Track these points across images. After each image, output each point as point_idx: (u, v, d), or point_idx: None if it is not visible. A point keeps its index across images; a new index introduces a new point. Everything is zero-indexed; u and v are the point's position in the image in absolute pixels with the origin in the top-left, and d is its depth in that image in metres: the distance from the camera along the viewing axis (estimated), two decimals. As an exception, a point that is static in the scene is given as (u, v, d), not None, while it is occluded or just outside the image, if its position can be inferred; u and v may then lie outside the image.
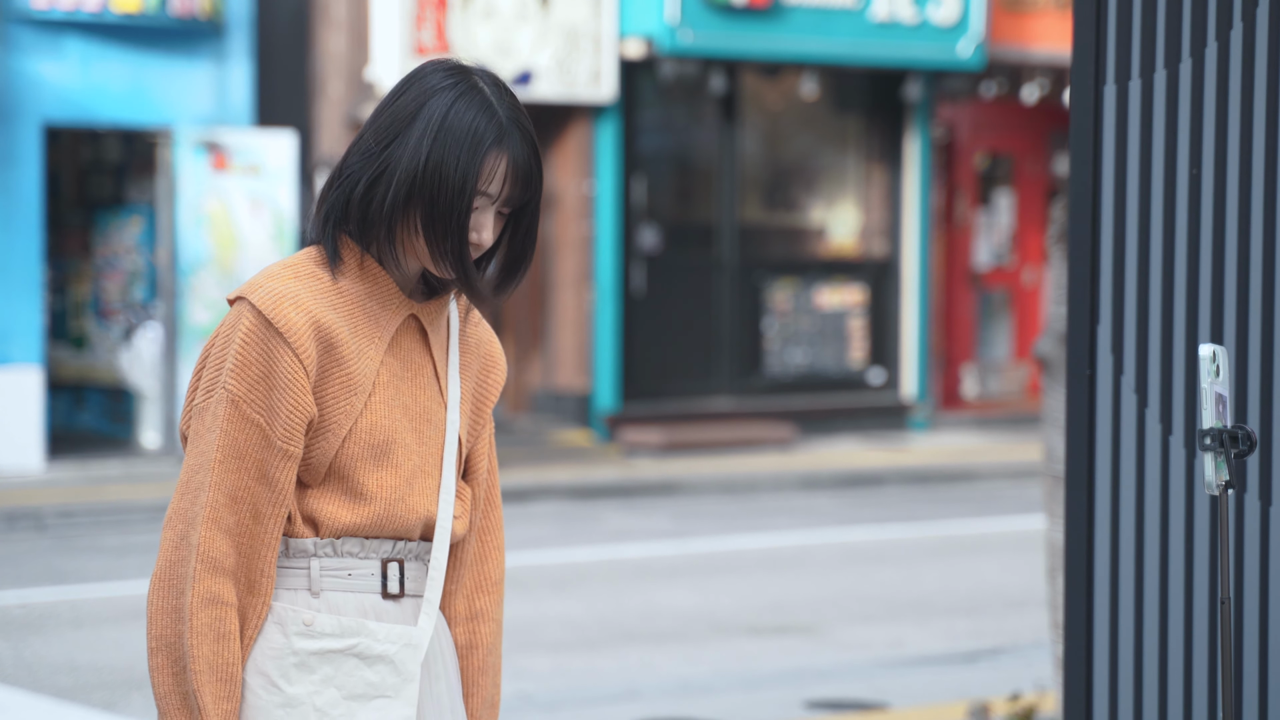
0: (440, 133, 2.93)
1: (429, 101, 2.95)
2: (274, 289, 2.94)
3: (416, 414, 3.01)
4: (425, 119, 2.94)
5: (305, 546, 2.97)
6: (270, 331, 2.92)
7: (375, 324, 2.98)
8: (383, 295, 2.99)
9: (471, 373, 3.12)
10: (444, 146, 2.92)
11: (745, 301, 18.19)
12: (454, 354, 3.09)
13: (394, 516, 2.97)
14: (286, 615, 2.95)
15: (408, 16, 15.98)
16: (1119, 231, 3.81)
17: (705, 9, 16.99)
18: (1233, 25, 3.66)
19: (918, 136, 18.92)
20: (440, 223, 2.93)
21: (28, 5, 14.86)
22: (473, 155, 2.92)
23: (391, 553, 3.00)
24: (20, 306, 15.11)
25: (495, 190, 2.95)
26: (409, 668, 2.97)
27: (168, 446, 15.54)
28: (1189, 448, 3.72)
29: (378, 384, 2.98)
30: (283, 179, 15.66)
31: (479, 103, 2.95)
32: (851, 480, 15.98)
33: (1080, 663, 3.83)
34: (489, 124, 2.94)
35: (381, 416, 2.97)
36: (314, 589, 2.96)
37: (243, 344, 2.95)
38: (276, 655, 2.94)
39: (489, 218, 2.96)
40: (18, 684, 8.19)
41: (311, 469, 2.94)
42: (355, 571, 2.98)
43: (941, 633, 9.72)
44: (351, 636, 2.95)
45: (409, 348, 3.02)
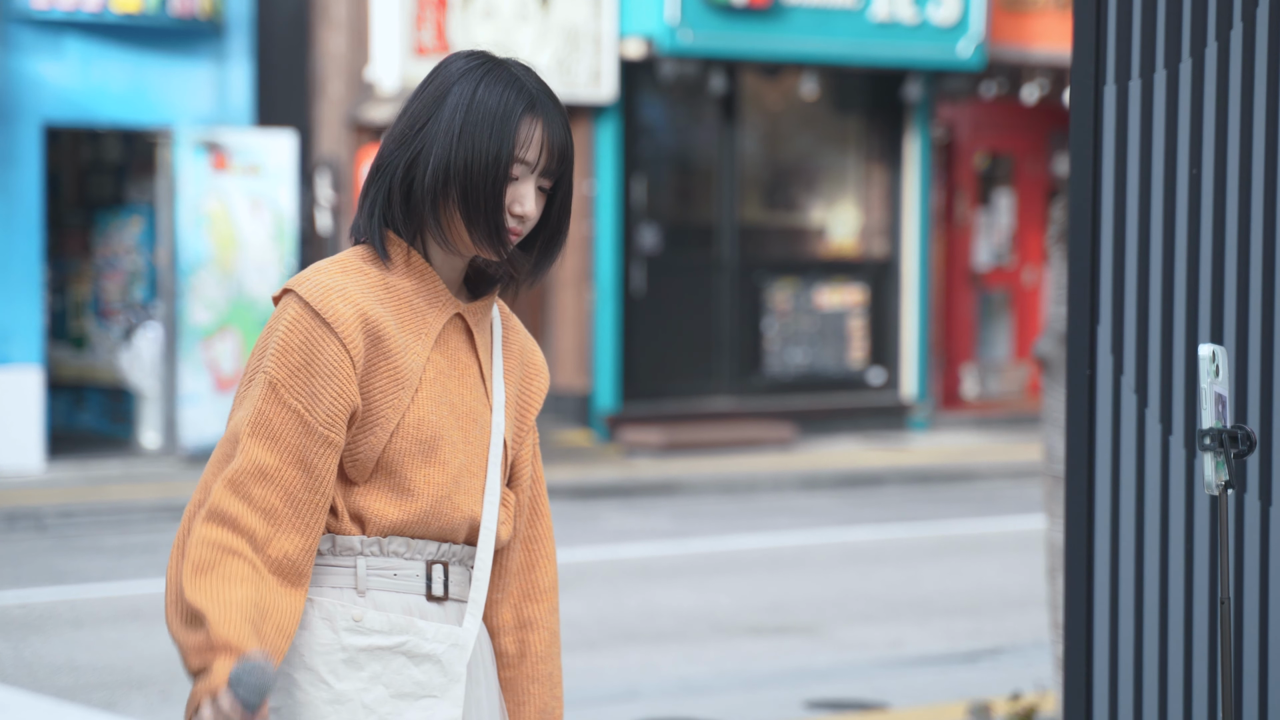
0: (471, 108, 2.93)
1: (457, 83, 2.96)
2: (321, 281, 2.92)
3: (463, 413, 3.00)
4: (455, 98, 2.94)
5: (352, 544, 2.94)
6: (316, 321, 2.90)
7: (422, 320, 2.97)
8: (430, 292, 2.98)
9: (515, 378, 3.11)
10: (476, 120, 2.93)
11: (745, 301, 18.19)
12: (498, 357, 3.07)
13: (440, 514, 2.96)
14: (335, 611, 2.93)
15: (408, 16, 15.98)
16: (1119, 231, 3.81)
17: (705, 9, 16.99)
18: (1233, 25, 3.66)
19: (918, 136, 18.92)
20: (476, 194, 2.92)
21: (28, 5, 14.86)
22: (505, 123, 2.93)
23: (436, 554, 2.98)
24: (20, 306, 15.11)
25: (533, 158, 2.95)
26: (456, 668, 2.95)
27: (168, 446, 15.55)
28: (1189, 448, 3.72)
29: (424, 380, 2.96)
30: (283, 179, 15.66)
31: (506, 77, 2.97)
32: (851, 480, 15.98)
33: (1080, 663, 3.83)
34: (518, 95, 2.95)
35: (429, 412, 2.95)
36: (360, 587, 2.94)
37: (286, 331, 2.90)
38: (325, 651, 2.91)
39: (530, 188, 2.96)
40: (18, 684, 8.19)
41: (359, 465, 2.92)
42: (401, 572, 2.96)
43: (941, 633, 9.72)
44: (400, 634, 2.93)
45: (455, 346, 3.01)
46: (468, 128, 2.93)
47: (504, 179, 2.93)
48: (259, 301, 15.63)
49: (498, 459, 3.02)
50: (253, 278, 15.60)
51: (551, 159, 2.97)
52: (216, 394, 15.48)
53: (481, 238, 2.94)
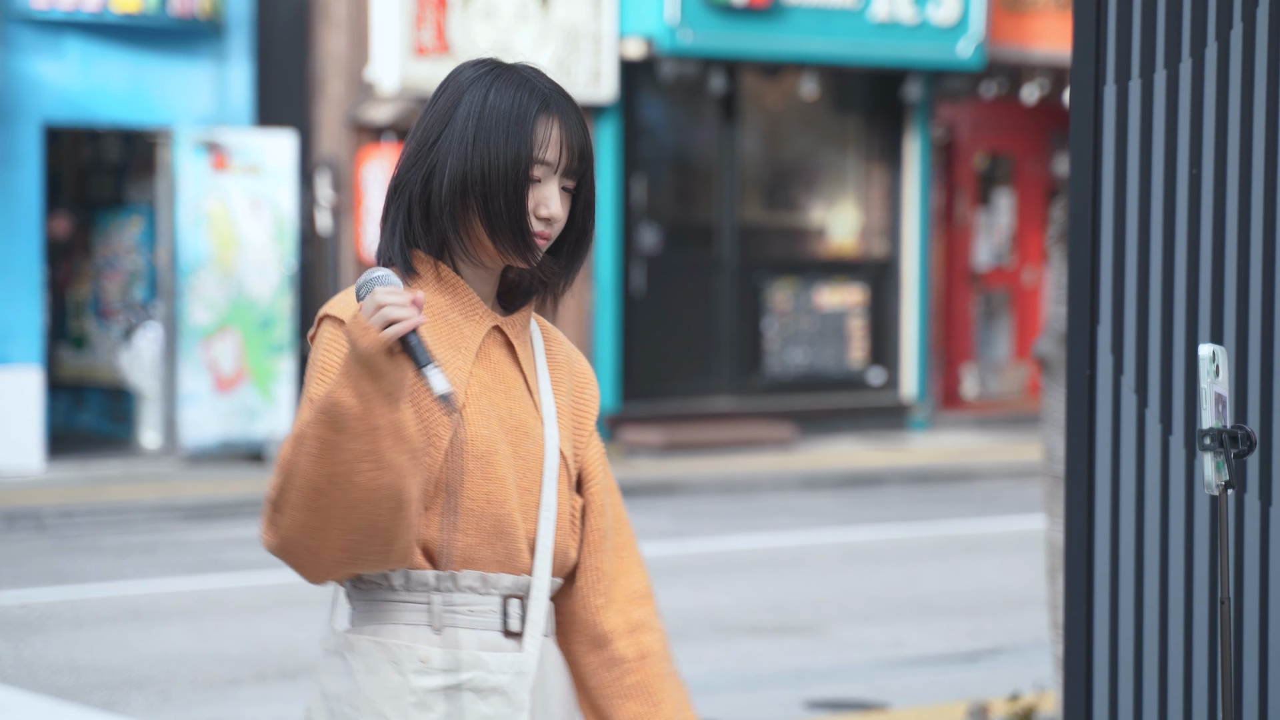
0: (483, 114, 2.89)
1: (467, 92, 2.91)
2: (352, 301, 2.86)
3: (512, 427, 2.93)
4: (466, 107, 2.90)
5: (426, 579, 2.88)
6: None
7: (460, 335, 2.92)
8: (465, 306, 2.93)
9: (564, 389, 3.04)
10: (489, 126, 2.88)
11: (745, 301, 18.19)
12: (543, 369, 3.01)
13: (502, 532, 2.89)
14: (401, 653, 2.86)
15: (408, 16, 15.98)
16: (1119, 231, 3.81)
17: (705, 9, 16.99)
18: (1233, 25, 3.66)
19: (918, 136, 18.92)
20: (497, 201, 2.87)
21: (28, 5, 14.86)
22: (520, 126, 2.88)
23: (512, 588, 2.91)
24: (20, 306, 15.11)
25: (553, 158, 2.90)
26: (520, 696, 2.88)
27: (167, 446, 15.55)
28: (1189, 448, 3.72)
29: (470, 395, 2.90)
30: (283, 179, 15.66)
31: (516, 80, 2.92)
32: (851, 480, 15.98)
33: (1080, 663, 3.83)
34: (531, 96, 2.90)
35: (480, 427, 2.88)
36: (435, 625, 2.88)
37: (323, 353, 2.85)
38: (394, 695, 2.85)
39: (553, 190, 2.91)
40: (18, 684, 8.19)
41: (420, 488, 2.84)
42: (476, 608, 2.89)
43: (941, 633, 9.72)
44: (467, 670, 2.86)
45: (497, 360, 2.95)
46: (481, 134, 2.88)
47: (524, 182, 2.88)
48: (259, 301, 15.63)
49: (553, 472, 2.95)
50: (253, 278, 15.60)
51: (573, 158, 2.92)
52: (216, 394, 15.48)
53: (508, 246, 2.90)
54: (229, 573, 11.19)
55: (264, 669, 8.64)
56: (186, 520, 13.37)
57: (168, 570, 11.31)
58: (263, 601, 10.33)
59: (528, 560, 2.92)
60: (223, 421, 15.49)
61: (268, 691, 8.23)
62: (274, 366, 15.70)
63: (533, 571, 2.92)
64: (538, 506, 2.93)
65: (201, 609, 10.12)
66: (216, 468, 15.38)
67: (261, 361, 15.65)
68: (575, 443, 3.03)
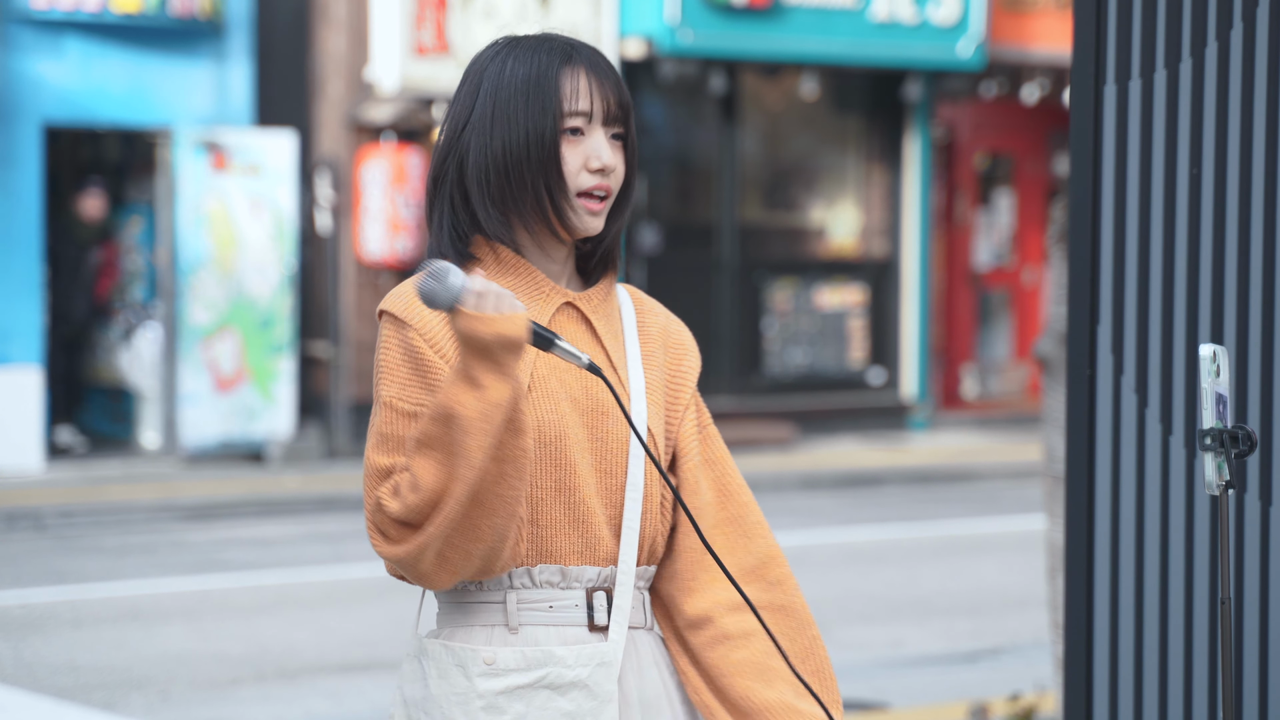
0: (500, 88, 2.82)
1: (485, 70, 2.87)
2: (407, 292, 2.77)
3: (588, 408, 2.81)
4: (486, 84, 2.85)
5: (501, 577, 2.77)
6: (408, 331, 2.75)
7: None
8: (529, 286, 2.82)
9: (657, 361, 2.92)
10: (508, 97, 2.81)
11: (745, 301, 18.19)
12: (632, 342, 2.89)
13: (578, 520, 2.77)
14: (466, 656, 2.75)
15: (408, 16, 15.98)
16: (1119, 231, 3.81)
17: (705, 9, 16.99)
18: (1233, 25, 3.66)
19: (918, 136, 18.92)
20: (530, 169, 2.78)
21: (28, 5, 14.86)
22: (541, 88, 2.80)
23: (597, 581, 2.80)
24: (20, 306, 15.11)
25: (587, 106, 2.81)
26: (605, 688, 2.76)
27: (167, 446, 15.54)
28: (1189, 448, 3.72)
29: (535, 378, 2.78)
30: (283, 179, 15.66)
31: (532, 45, 2.86)
32: (851, 480, 15.98)
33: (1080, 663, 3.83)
34: (549, 55, 2.84)
35: (546, 412, 2.77)
36: (511, 624, 2.77)
37: (385, 351, 2.76)
38: (462, 700, 2.74)
39: (600, 139, 2.83)
40: (18, 684, 8.19)
41: None
42: (557, 603, 2.78)
43: (941, 633, 9.72)
44: (538, 668, 2.74)
45: (571, 338, 2.82)
46: (500, 107, 2.81)
47: (554, 145, 2.79)
48: (259, 301, 15.63)
49: (640, 451, 2.82)
50: (253, 278, 15.60)
51: (609, 104, 2.83)
52: (216, 394, 15.48)
53: (558, 212, 2.80)
54: (229, 573, 11.19)
55: (264, 669, 8.64)
56: (186, 520, 13.36)
57: (168, 570, 11.31)
58: (263, 601, 10.32)
59: (612, 548, 2.80)
60: (223, 421, 15.49)
61: (268, 691, 8.23)
62: (274, 366, 15.70)
63: (618, 557, 2.80)
64: (622, 490, 2.81)
65: (201, 609, 10.12)
66: (216, 468, 15.38)
67: (261, 361, 15.65)
68: (669, 417, 2.91)
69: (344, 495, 14.22)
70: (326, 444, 16.16)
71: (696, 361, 2.99)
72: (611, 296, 2.90)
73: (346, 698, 8.12)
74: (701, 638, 2.88)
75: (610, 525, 2.80)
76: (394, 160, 16.08)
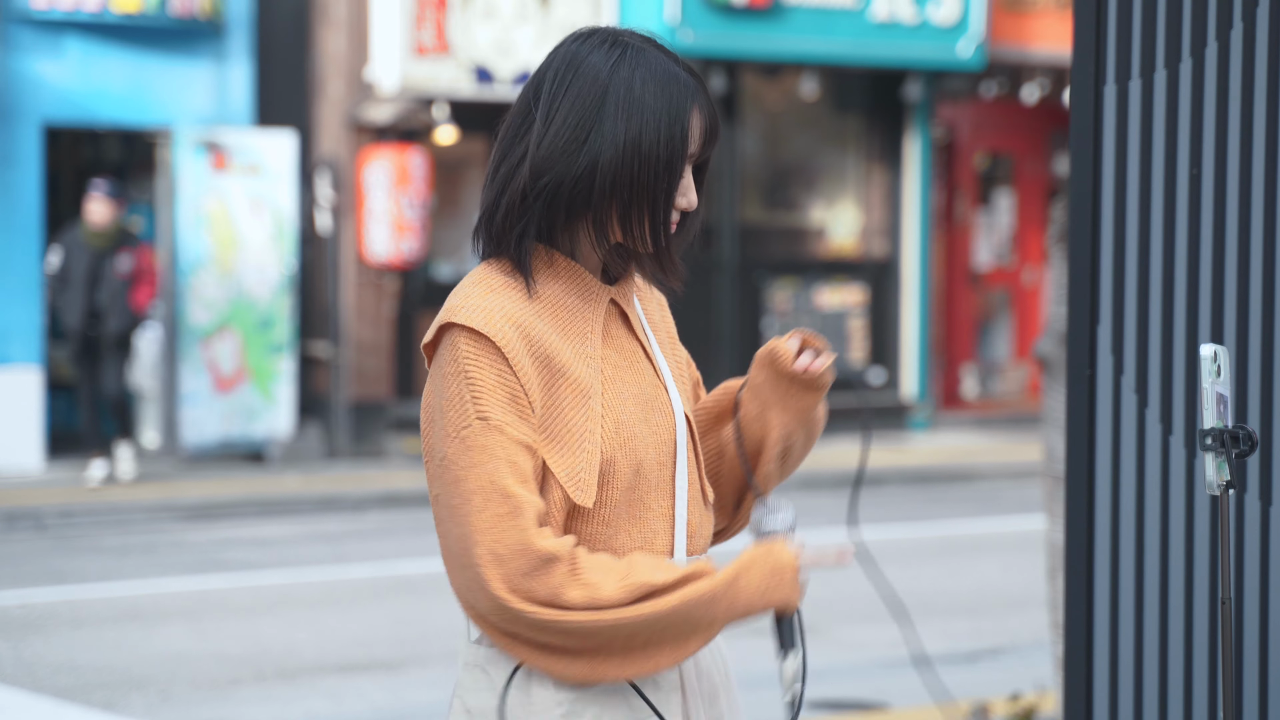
0: (634, 109, 2.76)
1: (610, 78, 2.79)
2: (482, 306, 2.72)
3: (644, 403, 2.82)
4: (614, 97, 2.77)
5: None
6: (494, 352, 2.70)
7: (582, 320, 2.79)
8: (580, 288, 2.81)
9: (661, 337, 2.95)
10: (642, 121, 2.75)
11: (745, 301, 18.19)
12: (649, 330, 2.91)
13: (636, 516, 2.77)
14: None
15: (408, 16, 15.97)
16: (1119, 231, 3.81)
17: (705, 9, 16.99)
18: (1233, 25, 3.66)
19: (918, 136, 18.92)
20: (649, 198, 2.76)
21: (28, 5, 14.86)
22: (674, 123, 2.76)
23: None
24: (20, 306, 15.11)
25: (696, 150, 2.82)
26: (669, 678, 2.80)
27: (168, 446, 15.54)
28: (1189, 448, 3.72)
29: (606, 380, 2.78)
30: (283, 179, 15.66)
31: (660, 67, 2.81)
32: (852, 480, 15.97)
33: (1080, 663, 3.83)
34: (681, 89, 2.79)
35: (621, 413, 2.77)
36: None
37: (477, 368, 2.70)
38: (542, 709, 2.73)
39: (691, 179, 2.84)
40: (18, 684, 8.19)
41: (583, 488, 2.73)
42: None
43: (941, 633, 9.72)
44: None
45: (618, 335, 2.84)
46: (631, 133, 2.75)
47: (676, 182, 2.79)
48: (259, 301, 15.63)
49: (684, 440, 2.85)
50: (253, 278, 15.60)
51: (710, 144, 2.84)
52: (216, 394, 15.48)
53: (641, 235, 2.79)
54: (229, 573, 11.18)
55: (264, 669, 8.63)
56: (186, 520, 13.36)
57: (168, 570, 11.31)
58: (263, 601, 10.32)
59: (666, 541, 2.82)
60: (222, 421, 15.49)
61: (268, 692, 8.23)
62: (274, 366, 15.70)
63: (673, 548, 2.82)
64: (672, 481, 2.83)
65: (201, 609, 10.11)
66: (216, 468, 15.38)
67: (261, 361, 15.65)
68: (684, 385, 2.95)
69: (344, 495, 14.22)
70: (326, 444, 16.15)
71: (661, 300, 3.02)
72: (633, 284, 2.92)
73: (346, 698, 8.12)
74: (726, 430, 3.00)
75: (666, 520, 2.82)
76: (396, 161, 16.08)
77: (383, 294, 16.46)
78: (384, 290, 16.45)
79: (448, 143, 16.75)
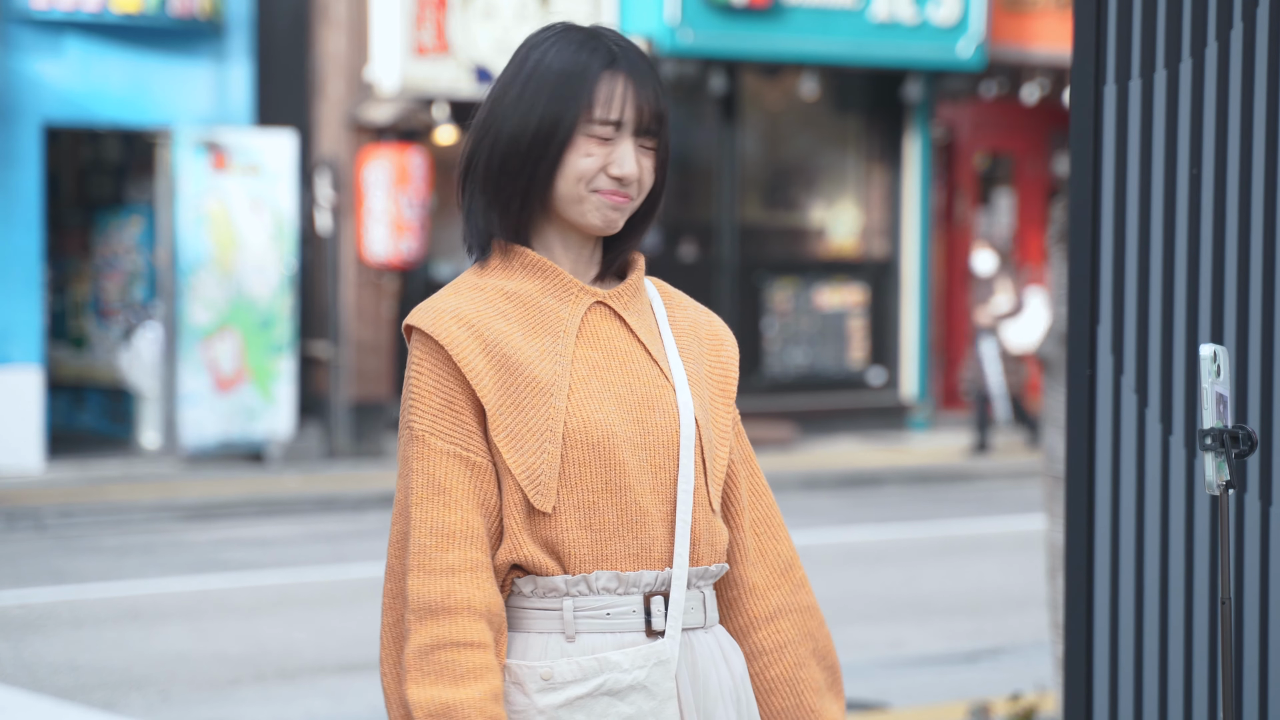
0: (534, 75, 2.72)
1: (528, 55, 2.75)
2: (434, 307, 2.72)
3: (634, 403, 2.74)
4: (527, 69, 2.74)
5: (555, 584, 2.71)
6: (439, 353, 2.70)
7: (554, 319, 2.74)
8: (557, 288, 2.76)
9: (693, 354, 2.85)
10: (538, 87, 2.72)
11: (745, 301, 18.19)
12: (668, 335, 2.83)
13: (630, 522, 2.71)
14: (523, 674, 2.70)
15: (408, 16, 15.98)
16: (1119, 231, 3.81)
17: (705, 9, 16.99)
18: (1233, 25, 3.66)
19: (918, 136, 18.92)
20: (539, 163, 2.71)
21: (28, 5, 14.86)
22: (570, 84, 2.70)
23: (655, 584, 2.74)
24: (20, 306, 15.11)
25: (618, 115, 2.72)
26: (664, 686, 2.72)
27: (167, 446, 15.55)
28: (1189, 448, 3.72)
29: (576, 379, 2.72)
30: (283, 179, 15.66)
31: (581, 38, 2.75)
32: (851, 480, 15.98)
33: (1080, 663, 3.83)
34: (594, 53, 2.73)
35: (592, 412, 2.71)
36: (568, 633, 2.71)
37: (416, 377, 2.71)
38: (524, 718, 2.69)
39: (627, 148, 2.73)
40: (18, 684, 8.19)
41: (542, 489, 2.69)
42: (614, 610, 2.72)
43: (941, 633, 9.72)
44: (595, 676, 2.70)
45: (607, 336, 2.77)
46: (527, 95, 2.72)
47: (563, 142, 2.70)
48: (259, 301, 15.63)
49: (690, 441, 2.77)
50: (252, 278, 15.60)
51: (643, 117, 2.73)
52: (216, 394, 15.48)
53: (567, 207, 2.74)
54: (229, 573, 11.19)
55: (264, 669, 8.64)
56: (186, 520, 13.36)
57: (167, 570, 11.31)
58: (263, 601, 10.33)
59: (668, 549, 2.76)
60: (222, 421, 15.49)
61: (268, 691, 8.23)
62: (274, 366, 15.70)
63: (673, 555, 2.75)
64: (674, 484, 2.76)
65: (201, 609, 10.12)
66: (216, 468, 15.38)
67: (261, 361, 15.65)
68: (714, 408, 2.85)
69: (344, 495, 14.23)
70: (326, 444, 16.16)
71: (735, 350, 2.93)
72: (641, 292, 2.85)
73: (346, 698, 8.12)
74: (744, 648, 2.90)
75: (665, 524, 2.76)
76: (396, 161, 16.08)
77: (382, 294, 16.47)
78: (383, 290, 16.46)
79: (447, 143, 16.76)
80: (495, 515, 2.70)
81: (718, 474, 2.82)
